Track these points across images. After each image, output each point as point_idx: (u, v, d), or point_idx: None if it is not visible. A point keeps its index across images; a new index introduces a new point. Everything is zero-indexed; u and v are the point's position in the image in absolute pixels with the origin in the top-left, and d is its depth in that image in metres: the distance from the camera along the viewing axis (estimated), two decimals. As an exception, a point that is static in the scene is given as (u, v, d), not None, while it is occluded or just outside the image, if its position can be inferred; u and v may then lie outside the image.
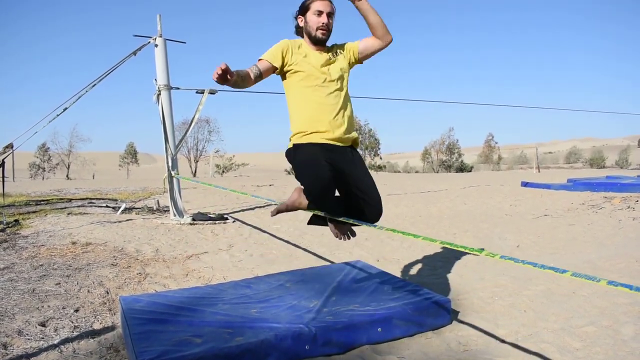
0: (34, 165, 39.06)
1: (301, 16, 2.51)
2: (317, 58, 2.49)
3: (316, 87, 2.44)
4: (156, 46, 6.87)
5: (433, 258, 4.92)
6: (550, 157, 77.32)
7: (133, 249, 5.04)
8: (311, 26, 2.46)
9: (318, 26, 2.44)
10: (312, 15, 2.45)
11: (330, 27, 2.48)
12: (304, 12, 2.49)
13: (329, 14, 2.45)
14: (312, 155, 2.36)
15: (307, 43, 2.52)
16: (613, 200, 8.92)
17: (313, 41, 2.49)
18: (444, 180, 17.64)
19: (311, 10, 2.45)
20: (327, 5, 2.45)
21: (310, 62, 2.46)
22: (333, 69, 2.50)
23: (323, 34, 2.45)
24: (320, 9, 2.43)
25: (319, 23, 2.43)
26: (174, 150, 7.04)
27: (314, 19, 2.44)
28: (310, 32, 2.47)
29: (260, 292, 3.15)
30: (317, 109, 2.43)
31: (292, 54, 2.45)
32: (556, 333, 2.75)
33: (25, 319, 2.94)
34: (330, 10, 2.46)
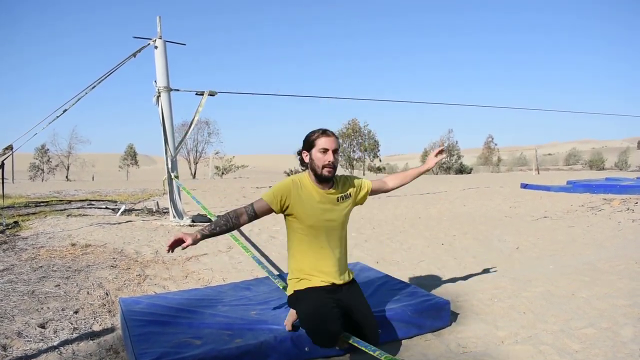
0: (34, 167, 39.04)
1: (306, 152, 2.41)
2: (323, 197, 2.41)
3: (318, 235, 2.38)
4: (156, 48, 6.88)
5: (432, 260, 4.93)
6: (549, 158, 77.34)
7: (132, 250, 5.04)
8: (317, 164, 2.35)
9: (324, 164, 2.34)
10: (317, 153, 2.35)
11: (336, 164, 2.38)
12: (309, 148, 2.39)
13: (334, 150, 2.36)
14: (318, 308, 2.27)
15: (312, 180, 2.42)
16: (612, 202, 8.93)
17: (318, 179, 2.39)
18: (443, 182, 17.65)
19: (316, 148, 2.35)
20: (333, 142, 2.36)
21: (313, 209, 2.37)
22: (338, 213, 2.43)
23: (329, 172, 2.35)
24: (325, 147, 2.34)
25: (325, 161, 2.33)
26: (174, 152, 7.04)
27: (320, 157, 2.34)
28: (315, 170, 2.36)
29: (260, 294, 3.15)
30: (319, 258, 2.39)
31: (292, 198, 2.35)
32: (555, 335, 2.75)
33: (25, 320, 2.94)
34: (335, 147, 2.37)
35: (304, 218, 2.35)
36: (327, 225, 2.39)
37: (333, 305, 2.29)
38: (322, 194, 2.40)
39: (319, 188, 2.40)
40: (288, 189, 2.36)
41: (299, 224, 2.38)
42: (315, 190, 2.40)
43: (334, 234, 2.42)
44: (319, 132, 2.37)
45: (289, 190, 2.36)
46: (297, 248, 2.42)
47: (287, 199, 2.35)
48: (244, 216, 2.33)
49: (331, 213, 2.40)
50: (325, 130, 2.38)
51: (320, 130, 2.38)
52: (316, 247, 2.38)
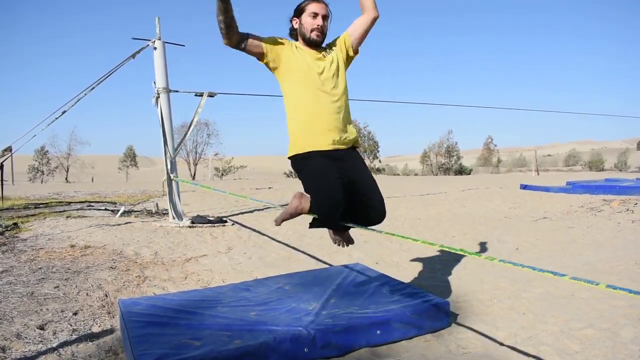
0: (33, 169, 39.04)
1: (296, 18, 2.50)
2: (312, 55, 2.48)
3: (313, 88, 2.42)
4: (155, 49, 6.88)
5: (432, 261, 4.92)
6: (549, 159, 77.43)
7: (132, 252, 5.04)
8: (306, 28, 2.45)
9: (313, 28, 2.43)
10: (307, 17, 2.44)
11: (325, 29, 2.47)
12: (299, 14, 2.48)
13: (324, 16, 2.45)
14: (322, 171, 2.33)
15: (302, 45, 2.50)
16: (612, 203, 8.94)
17: (307, 43, 2.48)
18: (443, 183, 17.66)
19: (306, 12, 2.44)
20: (323, 7, 2.45)
21: (305, 60, 2.44)
22: (329, 66, 2.48)
23: (317, 36, 2.44)
24: (315, 11, 2.43)
25: (314, 25, 2.43)
26: (173, 153, 7.04)
27: (309, 21, 2.43)
28: (304, 34, 2.46)
29: (260, 295, 3.15)
30: (316, 112, 2.40)
31: (286, 49, 2.44)
32: (555, 336, 2.75)
33: (24, 322, 2.94)
34: (325, 12, 2.45)
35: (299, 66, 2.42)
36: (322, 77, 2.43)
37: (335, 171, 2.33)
38: (311, 52, 2.47)
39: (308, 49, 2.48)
40: (283, 41, 2.45)
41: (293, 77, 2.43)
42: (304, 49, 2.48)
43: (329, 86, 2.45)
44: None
45: (284, 41, 2.45)
46: (294, 109, 2.46)
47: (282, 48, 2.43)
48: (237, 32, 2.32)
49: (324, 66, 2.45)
50: None
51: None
52: (312, 105, 2.41)
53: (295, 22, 2.50)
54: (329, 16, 2.48)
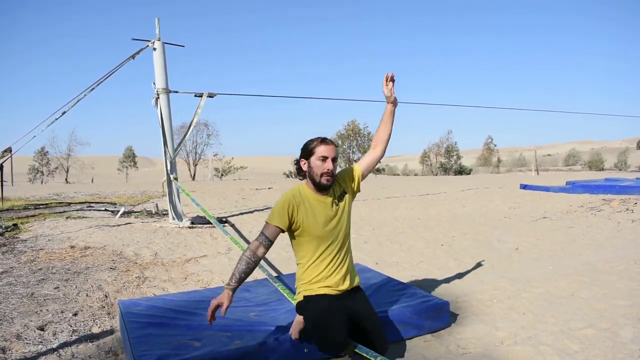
0: (33, 169, 39.03)
1: (304, 160, 2.40)
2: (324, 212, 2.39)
3: (325, 244, 2.36)
4: (154, 50, 6.88)
5: (432, 261, 4.93)
6: (549, 159, 77.43)
7: (132, 252, 5.04)
8: (315, 172, 2.34)
9: (323, 172, 2.33)
10: (316, 161, 2.34)
11: (334, 172, 2.39)
12: (307, 156, 2.38)
13: (333, 159, 2.36)
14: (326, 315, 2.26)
15: (310, 189, 2.41)
16: (612, 202, 8.94)
17: (317, 187, 2.38)
18: (442, 183, 17.66)
19: (315, 156, 2.34)
20: (332, 149, 2.36)
21: (317, 221, 2.36)
22: (340, 215, 2.42)
23: (328, 181, 2.34)
24: (324, 155, 2.33)
25: (324, 169, 2.33)
26: (173, 154, 7.04)
27: (318, 165, 2.33)
28: (314, 178, 2.36)
29: (259, 295, 3.15)
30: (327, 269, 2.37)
31: (298, 212, 2.34)
32: (555, 336, 2.75)
33: (24, 323, 2.94)
34: (334, 155, 2.37)
35: (311, 229, 2.33)
36: (333, 232, 2.37)
37: (340, 312, 2.27)
38: (322, 201, 2.39)
39: (318, 196, 2.39)
40: (291, 203, 2.34)
41: (305, 236, 2.36)
42: (315, 199, 2.39)
43: (340, 240, 2.40)
44: (317, 141, 2.36)
45: (292, 204, 2.34)
46: (305, 259, 2.39)
47: (293, 213, 2.33)
48: (261, 249, 2.29)
49: (334, 218, 2.39)
50: (325, 139, 2.38)
51: (319, 139, 2.37)
52: (324, 256, 2.36)
53: (304, 163, 2.40)
54: (337, 157, 2.41)
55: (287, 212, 2.31)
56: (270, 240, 2.31)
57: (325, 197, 2.41)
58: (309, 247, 2.37)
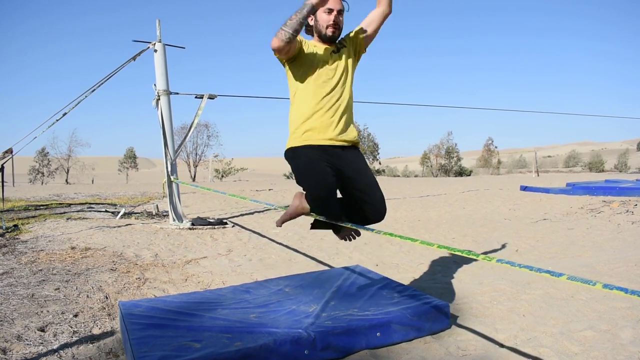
0: (34, 170, 39.06)
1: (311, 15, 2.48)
2: (325, 52, 2.49)
3: (320, 85, 2.44)
4: (155, 51, 6.90)
5: (432, 262, 4.93)
6: (549, 161, 77.47)
7: (132, 253, 5.04)
8: (321, 24, 2.46)
9: (328, 24, 2.44)
10: (322, 14, 2.44)
11: (340, 24, 2.48)
12: None
13: (339, 11, 2.45)
14: (312, 160, 2.35)
15: (317, 41, 2.52)
16: (612, 204, 8.94)
17: (323, 39, 2.49)
18: (442, 185, 17.67)
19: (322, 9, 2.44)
20: (337, 2, 2.45)
21: (318, 56, 2.46)
22: (338, 65, 2.50)
23: (333, 32, 2.45)
24: (330, 7, 2.42)
25: (330, 21, 2.43)
26: (173, 155, 7.05)
27: (324, 17, 2.44)
28: (320, 30, 2.47)
29: (260, 297, 3.16)
30: (318, 107, 2.43)
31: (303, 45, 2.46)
32: (555, 337, 2.76)
33: (25, 324, 2.94)
34: (340, 7, 2.45)
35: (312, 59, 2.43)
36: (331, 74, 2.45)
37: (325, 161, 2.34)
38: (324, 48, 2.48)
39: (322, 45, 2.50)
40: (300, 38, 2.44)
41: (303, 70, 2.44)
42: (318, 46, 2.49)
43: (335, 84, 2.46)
44: None
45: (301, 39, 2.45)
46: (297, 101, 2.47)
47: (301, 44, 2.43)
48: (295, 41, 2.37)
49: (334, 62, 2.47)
50: None
51: None
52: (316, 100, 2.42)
53: (311, 18, 2.50)
54: (344, 10, 2.49)
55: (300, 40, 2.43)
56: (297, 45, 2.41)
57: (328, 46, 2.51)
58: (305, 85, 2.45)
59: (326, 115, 2.43)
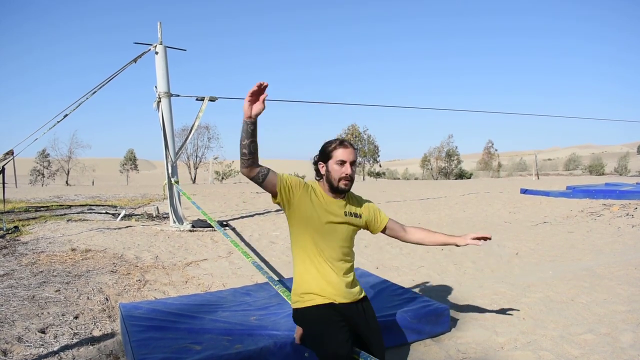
0: (35, 171, 39.09)
1: (322, 163, 2.30)
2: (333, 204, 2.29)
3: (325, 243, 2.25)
4: (156, 54, 6.91)
5: (432, 265, 4.93)
6: (549, 164, 77.49)
7: (133, 255, 5.05)
8: (333, 177, 2.25)
9: (341, 177, 2.23)
10: (334, 165, 2.24)
11: (353, 176, 2.28)
12: (326, 159, 2.28)
13: (352, 162, 2.26)
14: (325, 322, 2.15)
15: (326, 190, 2.31)
16: (612, 207, 8.94)
17: (333, 191, 2.29)
18: (443, 188, 17.67)
19: (333, 159, 2.25)
20: (351, 153, 2.25)
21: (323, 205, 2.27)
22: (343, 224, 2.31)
23: (346, 185, 2.25)
24: (343, 159, 2.23)
25: (342, 174, 2.23)
26: (174, 157, 7.06)
27: (337, 169, 2.24)
28: (331, 182, 2.26)
29: (260, 299, 3.16)
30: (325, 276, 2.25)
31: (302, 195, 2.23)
32: (555, 341, 2.76)
33: (25, 325, 2.95)
34: (353, 158, 2.26)
35: (308, 217, 2.22)
36: (331, 233, 2.26)
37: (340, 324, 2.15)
38: (332, 200, 2.30)
39: (330, 196, 2.31)
40: (301, 184, 2.24)
41: (302, 227, 2.24)
42: (325, 196, 2.30)
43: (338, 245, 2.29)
44: (336, 143, 2.27)
45: (301, 185, 2.24)
46: (301, 259, 2.30)
47: (297, 191, 2.21)
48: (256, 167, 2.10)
49: (336, 220, 2.28)
50: (343, 141, 2.28)
51: (337, 141, 2.28)
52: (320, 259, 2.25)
53: (322, 166, 2.31)
54: (356, 160, 2.32)
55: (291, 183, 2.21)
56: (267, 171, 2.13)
57: (338, 200, 2.31)
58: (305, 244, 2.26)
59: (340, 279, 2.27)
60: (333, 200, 2.30)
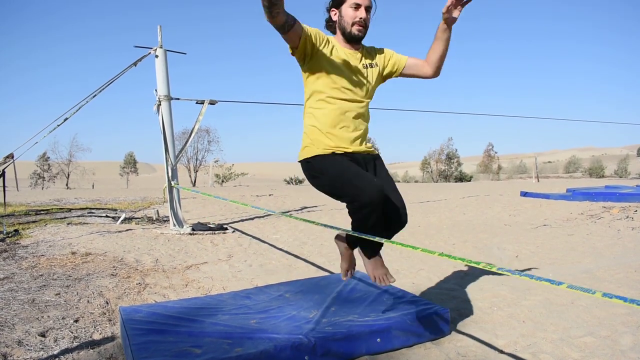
0: (35, 174, 39.13)
1: (335, 9, 2.23)
2: (349, 56, 2.21)
3: (343, 91, 2.19)
4: (157, 57, 6.93)
5: (432, 268, 4.93)
6: (549, 166, 77.52)
7: (133, 259, 5.05)
8: (346, 21, 2.17)
9: (354, 21, 2.15)
10: (348, 9, 2.17)
11: (367, 23, 2.19)
12: (339, 4, 2.20)
13: (367, 8, 2.17)
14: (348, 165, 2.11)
15: (339, 40, 2.23)
16: (612, 210, 8.94)
17: (347, 38, 2.21)
18: (443, 190, 17.68)
19: (347, 3, 2.17)
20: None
21: (341, 58, 2.18)
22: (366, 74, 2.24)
23: (359, 30, 2.17)
24: (357, 2, 2.15)
25: (356, 17, 2.15)
26: (174, 160, 7.07)
27: (350, 13, 2.16)
28: (344, 28, 2.18)
29: (260, 302, 3.16)
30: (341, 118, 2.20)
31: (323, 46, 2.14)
32: (555, 343, 2.76)
33: (25, 329, 2.95)
34: (368, 3, 2.18)
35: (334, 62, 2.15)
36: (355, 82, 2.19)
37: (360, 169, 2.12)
38: (349, 53, 2.21)
39: (346, 48, 2.22)
40: (323, 38, 2.14)
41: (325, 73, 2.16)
42: (342, 49, 2.21)
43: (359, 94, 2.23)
44: None
45: (322, 36, 2.14)
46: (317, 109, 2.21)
47: (318, 44, 2.11)
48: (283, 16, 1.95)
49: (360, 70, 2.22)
50: None
51: None
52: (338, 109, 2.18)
53: (334, 13, 2.23)
54: (371, 7, 2.21)
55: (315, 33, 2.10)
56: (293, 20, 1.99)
57: (355, 52, 2.23)
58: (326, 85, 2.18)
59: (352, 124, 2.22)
60: (350, 52, 2.22)
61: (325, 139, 2.20)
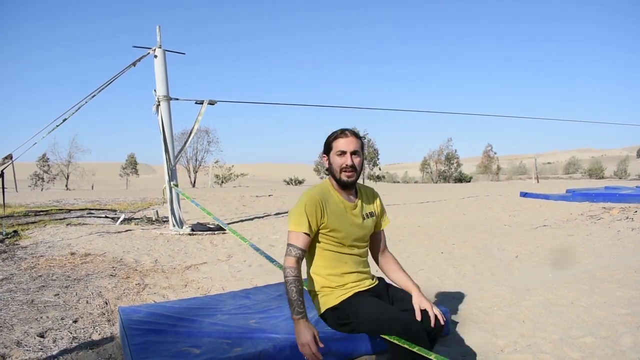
0: (34, 175, 39.11)
1: (325, 155, 2.24)
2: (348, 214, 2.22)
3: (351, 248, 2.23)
4: (155, 57, 6.93)
5: (431, 268, 4.93)
6: (549, 167, 77.58)
7: (132, 259, 5.04)
8: (334, 168, 2.17)
9: (341, 168, 2.14)
10: (334, 157, 2.17)
11: (356, 167, 2.17)
12: (328, 151, 2.21)
13: (353, 152, 2.15)
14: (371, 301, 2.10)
15: (334, 187, 2.24)
16: (612, 210, 8.94)
17: (339, 185, 2.21)
18: (442, 191, 17.68)
19: (334, 150, 2.17)
20: (351, 142, 2.15)
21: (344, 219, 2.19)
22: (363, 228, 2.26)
23: (348, 177, 2.15)
24: (342, 149, 2.14)
25: (342, 165, 2.14)
26: (174, 161, 7.06)
27: (338, 161, 2.15)
28: (334, 175, 2.19)
29: (259, 302, 3.15)
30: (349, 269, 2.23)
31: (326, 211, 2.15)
32: (555, 344, 2.75)
33: (24, 329, 2.94)
34: (355, 148, 2.15)
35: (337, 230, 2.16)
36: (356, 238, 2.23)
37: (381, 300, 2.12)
38: (348, 207, 2.23)
39: (344, 199, 2.23)
40: (318, 204, 2.13)
41: (327, 238, 2.19)
42: (341, 201, 2.22)
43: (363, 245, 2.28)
44: (337, 133, 2.19)
45: (319, 205, 2.14)
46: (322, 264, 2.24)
47: (322, 215, 2.13)
48: (299, 262, 2.08)
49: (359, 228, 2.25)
50: (344, 130, 2.19)
51: (339, 131, 2.19)
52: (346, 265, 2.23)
53: (326, 159, 2.24)
54: (359, 150, 2.20)
55: (314, 214, 2.11)
56: (302, 249, 2.09)
57: (352, 204, 2.25)
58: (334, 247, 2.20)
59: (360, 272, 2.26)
60: (348, 204, 2.23)
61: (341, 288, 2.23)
